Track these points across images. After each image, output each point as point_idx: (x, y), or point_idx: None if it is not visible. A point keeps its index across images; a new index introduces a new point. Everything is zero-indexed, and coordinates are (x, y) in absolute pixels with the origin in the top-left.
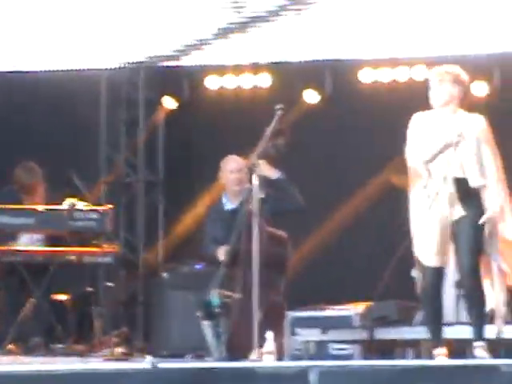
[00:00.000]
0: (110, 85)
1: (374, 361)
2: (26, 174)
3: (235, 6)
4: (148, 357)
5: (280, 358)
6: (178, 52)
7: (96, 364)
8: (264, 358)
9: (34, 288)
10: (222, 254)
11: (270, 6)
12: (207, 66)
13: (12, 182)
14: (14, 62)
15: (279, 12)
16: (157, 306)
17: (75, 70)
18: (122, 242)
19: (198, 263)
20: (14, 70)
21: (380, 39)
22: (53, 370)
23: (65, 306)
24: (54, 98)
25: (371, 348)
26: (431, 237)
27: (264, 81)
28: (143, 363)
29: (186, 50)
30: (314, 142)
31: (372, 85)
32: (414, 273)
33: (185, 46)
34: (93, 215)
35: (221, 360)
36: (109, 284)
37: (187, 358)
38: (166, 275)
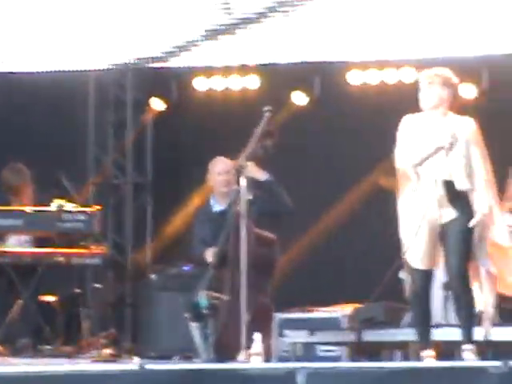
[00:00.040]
0: (98, 86)
1: (361, 363)
2: (13, 175)
3: (224, 7)
4: (136, 358)
5: (268, 359)
6: (166, 53)
7: (84, 365)
8: (252, 359)
9: (22, 289)
10: (210, 255)
11: (259, 8)
12: (195, 67)
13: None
14: (1, 63)
15: (268, 14)
16: (145, 307)
17: (63, 71)
18: (110, 243)
19: (185, 265)
20: (2, 71)
21: (368, 41)
22: (41, 371)
23: (53, 307)
24: (42, 100)
25: (359, 350)
26: (420, 240)
27: (252, 82)
28: (131, 364)
29: (174, 52)
30: (302, 144)
31: (360, 87)
32: (402, 275)
33: (173, 47)
34: (81, 216)
35: (209, 361)
36: (97, 285)
37: (175, 359)
38: (153, 277)
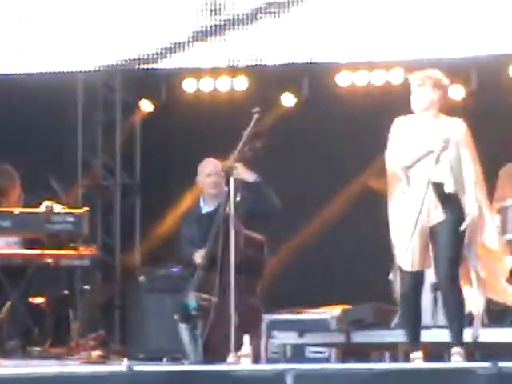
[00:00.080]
0: (87, 87)
1: (350, 364)
2: (1, 176)
3: (212, 8)
4: (125, 360)
5: (257, 360)
6: (154, 55)
7: (73, 367)
8: (241, 360)
9: (10, 291)
10: (199, 257)
11: (247, 9)
12: (184, 69)
13: None
14: None
15: (256, 15)
16: (134, 308)
17: (52, 72)
18: (99, 244)
19: (174, 266)
20: None
21: (357, 43)
22: (30, 373)
23: (41, 308)
24: (31, 101)
25: (348, 351)
26: (410, 241)
27: (241, 84)
28: (120, 366)
29: (163, 53)
30: (291, 145)
31: (349, 88)
32: (392, 276)
33: (162, 48)
34: (70, 218)
35: (198, 363)
36: (86, 287)
37: (164, 360)
38: (142, 278)
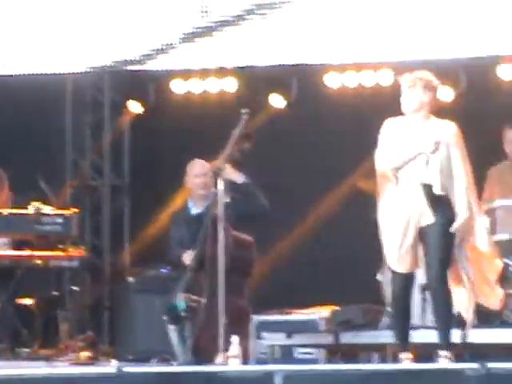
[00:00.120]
0: (76, 88)
1: (339, 365)
2: None
3: (201, 10)
4: (113, 361)
5: (245, 361)
6: (143, 56)
7: (62, 368)
8: (229, 361)
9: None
10: (188, 258)
11: (236, 11)
12: (173, 70)
13: None
14: None
15: (245, 16)
16: (122, 310)
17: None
18: (88, 245)
19: (163, 267)
20: None
21: (346, 44)
22: (19, 374)
23: (30, 310)
24: (19, 102)
25: (336, 352)
26: (400, 243)
27: (230, 85)
28: (109, 367)
29: (151, 54)
30: (280, 147)
31: (338, 89)
32: (380, 276)
33: (151, 50)
34: (59, 219)
35: (186, 364)
36: (74, 288)
37: (153, 361)
38: (131, 279)
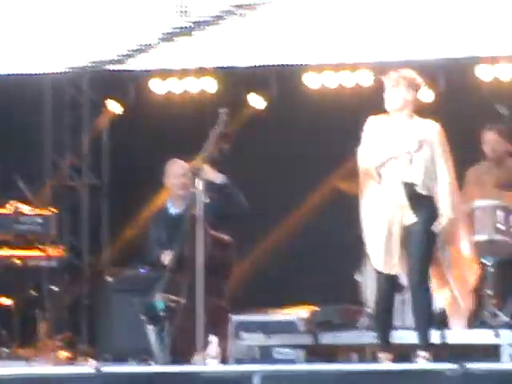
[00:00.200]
0: (55, 88)
1: (317, 365)
2: None
3: (180, 10)
4: (92, 361)
5: (224, 361)
6: (123, 56)
7: (40, 368)
8: (208, 361)
9: None
10: (167, 258)
11: (215, 11)
12: (152, 70)
13: None
14: None
15: (224, 17)
16: (101, 309)
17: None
18: (67, 245)
19: (142, 267)
20: None
21: (325, 45)
22: None
23: (9, 310)
24: None
25: (315, 352)
26: (383, 243)
27: (209, 85)
28: (87, 367)
29: (131, 54)
30: (259, 147)
31: (317, 90)
32: (358, 277)
33: (130, 50)
34: (37, 219)
35: (165, 364)
36: (53, 288)
37: (131, 361)
38: (110, 279)
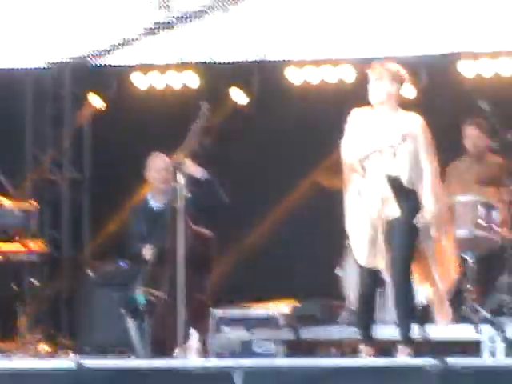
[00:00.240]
0: (36, 81)
1: (298, 360)
2: None
3: (162, 4)
4: (72, 354)
5: (205, 356)
6: (105, 50)
7: (21, 362)
8: (188, 356)
9: None
10: (148, 252)
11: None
12: (134, 64)
13: None
14: None
15: (206, 11)
16: (82, 303)
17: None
18: (47, 239)
19: (123, 261)
20: None
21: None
22: None
23: None
24: None
25: (296, 347)
26: (366, 236)
27: (192, 80)
28: (68, 361)
29: (113, 49)
30: (241, 142)
31: (300, 85)
32: (339, 271)
33: (112, 44)
34: (18, 212)
35: (145, 358)
36: (34, 282)
37: (112, 355)
38: (91, 273)
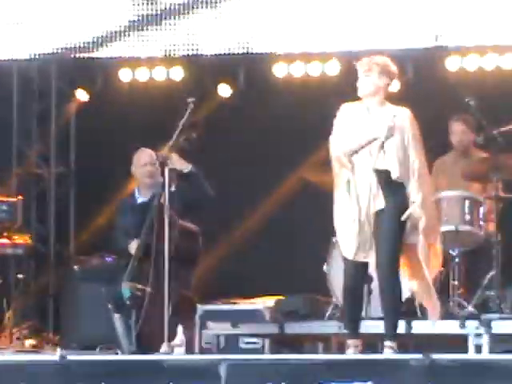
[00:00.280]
0: (22, 76)
1: (283, 355)
2: None
3: None
4: (58, 349)
5: (190, 351)
6: (90, 44)
7: (6, 356)
8: (174, 351)
9: None
10: (133, 247)
11: None
12: (120, 58)
13: None
14: None
15: (193, 5)
16: (68, 298)
17: None
18: (33, 233)
19: (109, 256)
20: None
21: (293, 33)
22: None
23: None
24: None
25: (281, 342)
26: (354, 230)
27: (177, 74)
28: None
29: (98, 42)
30: (227, 136)
31: (285, 79)
32: (326, 268)
33: (98, 37)
34: (3, 206)
35: (131, 352)
36: (19, 276)
37: (97, 350)
38: (77, 267)
